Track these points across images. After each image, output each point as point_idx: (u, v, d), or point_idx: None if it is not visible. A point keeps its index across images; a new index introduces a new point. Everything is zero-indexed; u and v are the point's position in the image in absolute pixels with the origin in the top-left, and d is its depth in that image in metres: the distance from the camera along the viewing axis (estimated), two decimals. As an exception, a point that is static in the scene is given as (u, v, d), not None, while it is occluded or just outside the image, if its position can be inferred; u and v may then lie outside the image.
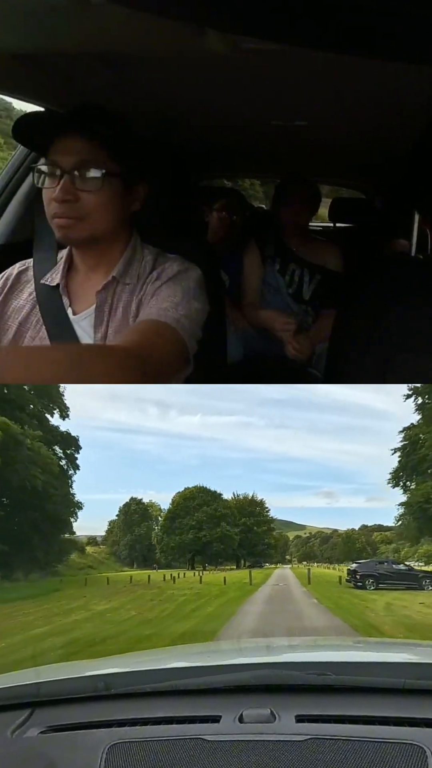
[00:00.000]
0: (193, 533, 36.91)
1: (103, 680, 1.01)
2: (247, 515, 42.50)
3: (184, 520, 37.76)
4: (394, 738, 0.83)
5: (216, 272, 2.15)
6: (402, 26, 0.67)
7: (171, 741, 0.87)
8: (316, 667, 0.99)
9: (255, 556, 41.10)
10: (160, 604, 8.66)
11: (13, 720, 0.98)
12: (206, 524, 37.24)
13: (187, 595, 10.09)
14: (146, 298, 1.61)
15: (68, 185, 1.50)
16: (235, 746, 0.85)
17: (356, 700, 0.92)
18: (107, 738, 0.89)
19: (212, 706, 0.93)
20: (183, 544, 37.08)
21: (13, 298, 1.73)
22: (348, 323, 1.87)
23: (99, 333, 1.63)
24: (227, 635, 5.35)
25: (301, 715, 0.89)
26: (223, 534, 37.14)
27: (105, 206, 1.55)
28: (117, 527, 43.67)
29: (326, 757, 0.83)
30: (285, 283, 3.27)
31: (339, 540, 55.53)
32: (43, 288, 1.68)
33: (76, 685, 1.05)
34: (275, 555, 47.54)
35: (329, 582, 13.67)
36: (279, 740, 0.85)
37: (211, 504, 38.41)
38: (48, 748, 0.90)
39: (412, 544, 26.48)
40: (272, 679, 0.97)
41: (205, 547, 37.02)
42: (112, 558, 39.98)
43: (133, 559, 40.17)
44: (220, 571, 25.42)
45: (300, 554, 62.17)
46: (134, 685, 1.00)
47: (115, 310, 1.63)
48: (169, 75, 1.68)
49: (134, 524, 41.96)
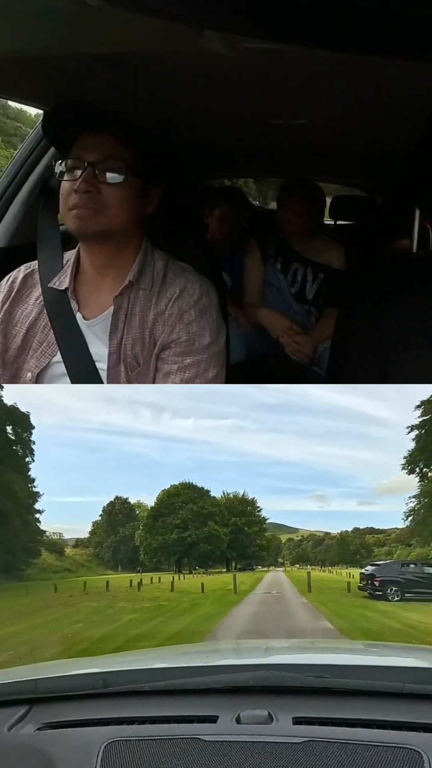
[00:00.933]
0: (178, 533, 33.52)
1: (102, 678, 1.01)
2: (237, 515, 39.07)
3: (168, 519, 34.36)
4: (392, 742, 0.83)
5: (218, 274, 2.15)
6: (401, 23, 0.67)
7: (168, 740, 0.87)
8: (315, 670, 0.99)
9: (246, 559, 37.91)
10: (88, 628, 5.33)
11: (11, 716, 0.98)
12: (192, 523, 33.87)
13: (140, 611, 6.87)
14: (172, 321, 1.62)
15: (91, 177, 1.54)
16: (231, 747, 0.85)
17: (354, 703, 0.92)
18: (104, 735, 0.89)
19: (210, 706, 0.93)
20: (166, 545, 33.72)
21: (20, 303, 1.72)
22: (350, 322, 1.87)
23: (114, 340, 1.63)
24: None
25: (299, 717, 0.89)
26: (210, 534, 33.88)
27: (124, 201, 1.57)
28: (100, 528, 39.43)
29: (323, 759, 0.83)
30: (287, 283, 3.27)
31: (333, 542, 54.23)
32: (50, 292, 1.67)
33: (74, 682, 1.05)
34: (267, 557, 44.41)
35: (334, 589, 10.63)
36: (276, 742, 0.85)
37: (197, 501, 35.01)
38: (45, 744, 0.90)
39: (426, 543, 23.25)
40: (270, 681, 0.97)
41: (191, 548, 33.66)
42: (94, 561, 35.97)
43: (118, 561, 36.51)
44: (207, 575, 22.83)
45: (292, 557, 60.75)
46: (132, 684, 1.00)
47: (130, 316, 1.64)
48: (168, 76, 1.68)
49: (118, 525, 37.99)
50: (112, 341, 1.63)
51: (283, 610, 7.19)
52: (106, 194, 1.55)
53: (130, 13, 0.89)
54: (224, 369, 1.68)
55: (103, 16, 1.07)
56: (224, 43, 1.23)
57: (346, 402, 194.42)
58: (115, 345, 1.62)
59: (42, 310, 1.69)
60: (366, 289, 1.84)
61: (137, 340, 1.63)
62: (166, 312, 1.63)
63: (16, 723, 0.97)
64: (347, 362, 1.83)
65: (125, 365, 1.62)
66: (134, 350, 1.62)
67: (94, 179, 1.54)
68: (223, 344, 1.68)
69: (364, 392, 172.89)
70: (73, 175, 1.56)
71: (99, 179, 1.55)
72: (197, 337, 1.62)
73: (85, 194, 1.54)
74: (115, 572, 31.28)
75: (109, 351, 1.63)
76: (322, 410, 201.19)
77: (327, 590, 10.52)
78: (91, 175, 1.54)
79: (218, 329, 1.66)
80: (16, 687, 1.04)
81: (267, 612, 6.87)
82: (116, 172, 1.56)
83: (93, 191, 1.54)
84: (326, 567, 43.14)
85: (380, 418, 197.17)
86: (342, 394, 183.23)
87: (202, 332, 1.62)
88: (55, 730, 0.94)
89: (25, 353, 1.69)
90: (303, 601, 8.29)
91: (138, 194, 1.61)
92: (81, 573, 25.48)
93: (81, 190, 1.54)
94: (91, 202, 1.54)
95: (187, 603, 8.16)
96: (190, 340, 1.61)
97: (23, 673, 1.13)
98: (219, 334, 1.66)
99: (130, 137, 1.59)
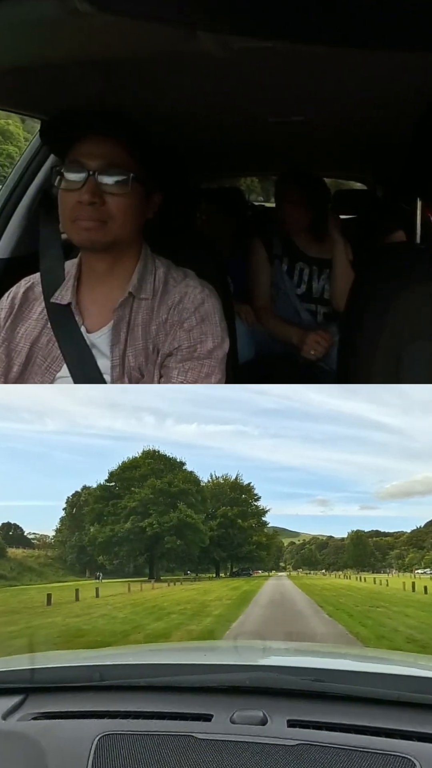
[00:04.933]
0: (134, 521, 23.41)
1: (99, 671, 1.01)
2: (227, 504, 29.67)
3: (121, 502, 24.40)
4: (385, 749, 0.83)
5: (223, 276, 2.14)
6: (396, 15, 0.67)
7: (161, 736, 0.88)
8: (312, 673, 0.99)
9: (239, 561, 29.10)
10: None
11: (6, 704, 0.99)
12: (153, 506, 23.62)
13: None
14: (174, 329, 1.59)
15: (94, 187, 1.48)
16: (224, 746, 0.85)
17: (349, 708, 0.91)
18: (98, 728, 0.90)
19: (205, 704, 0.94)
20: (117, 539, 23.63)
21: (22, 319, 1.69)
22: (357, 315, 1.86)
23: (116, 352, 1.59)
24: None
25: (293, 720, 0.89)
26: (181, 522, 23.19)
27: (128, 210, 1.53)
28: (64, 525, 30.84)
29: (315, 763, 0.83)
30: (293, 285, 3.21)
31: (346, 543, 51.11)
32: (54, 307, 1.64)
33: (70, 674, 1.06)
34: (268, 559, 33.74)
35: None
36: (269, 743, 0.85)
37: (163, 476, 25.04)
38: (39, 734, 0.91)
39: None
40: (267, 682, 0.97)
41: (155, 544, 23.41)
42: (57, 563, 28.17)
43: (84, 564, 27.60)
44: (191, 581, 16.85)
45: (295, 561, 56.91)
46: (129, 678, 1.01)
47: (132, 328, 1.60)
48: (164, 79, 1.68)
49: (84, 520, 28.51)
50: (114, 354, 1.59)
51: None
52: (111, 205, 1.51)
53: (122, 19, 0.89)
54: (225, 375, 1.64)
55: (95, 23, 1.07)
56: (218, 43, 1.23)
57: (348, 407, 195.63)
58: (118, 357, 1.59)
59: (45, 325, 1.66)
60: (372, 280, 1.83)
61: (140, 351, 1.60)
62: (167, 320, 1.59)
63: (11, 712, 0.98)
64: (356, 357, 1.82)
65: (129, 378, 1.59)
66: (138, 361, 1.60)
67: (98, 189, 1.49)
68: (227, 350, 1.64)
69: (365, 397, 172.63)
70: (74, 183, 1.50)
71: (103, 189, 1.50)
72: (199, 344, 1.58)
73: (89, 206, 1.49)
74: (80, 578, 24.16)
75: (111, 364, 1.60)
76: (324, 415, 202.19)
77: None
78: (95, 184, 1.49)
79: (221, 334, 1.61)
80: (12, 675, 1.05)
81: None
82: (121, 180, 1.51)
83: (97, 202, 1.49)
84: (333, 572, 39.34)
85: (382, 423, 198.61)
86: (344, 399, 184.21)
87: (204, 338, 1.59)
88: (50, 720, 0.95)
89: (30, 369, 1.66)
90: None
91: (141, 201, 1.57)
92: (23, 580, 20.39)
93: (85, 202, 1.48)
94: (97, 214, 1.50)
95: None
96: (192, 347, 1.58)
97: (20, 662, 1.15)
98: (222, 340, 1.62)
99: (131, 141, 1.55)
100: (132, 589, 13.18)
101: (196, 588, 13.26)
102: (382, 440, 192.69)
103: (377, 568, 45.39)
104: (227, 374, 1.68)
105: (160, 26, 0.89)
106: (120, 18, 0.88)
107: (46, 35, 1.20)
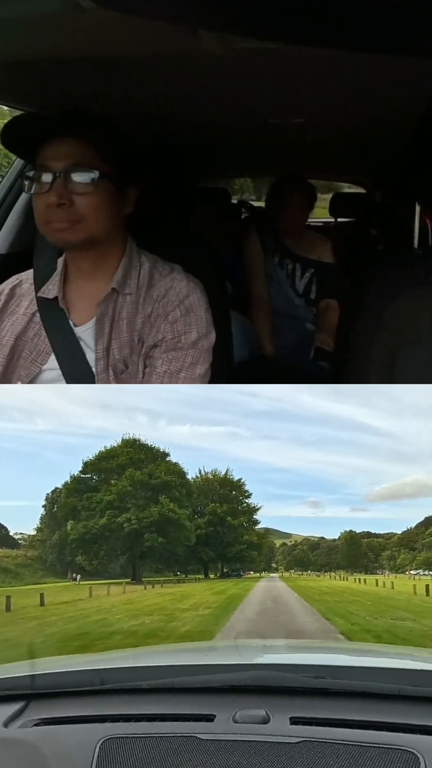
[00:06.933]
0: (110, 516, 21.15)
1: (99, 675, 1.01)
2: (217, 500, 28.06)
3: (96, 495, 22.12)
4: (388, 744, 0.83)
5: (220, 276, 2.14)
6: (397, 19, 0.67)
7: (164, 738, 0.87)
8: (313, 670, 0.99)
9: (229, 561, 27.75)
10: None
11: (7, 711, 0.98)
12: (132, 499, 21.44)
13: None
14: (158, 322, 1.61)
15: (61, 189, 1.49)
16: (228, 746, 0.85)
17: (351, 704, 0.92)
18: (101, 732, 0.89)
19: (207, 705, 0.93)
20: (90, 536, 21.46)
21: (8, 315, 1.72)
22: (353, 317, 1.86)
23: (100, 345, 1.62)
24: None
25: (296, 717, 0.89)
26: (162, 517, 20.98)
27: (99, 208, 1.54)
28: (44, 523, 28.92)
29: (319, 760, 0.83)
30: (285, 275, 3.33)
31: (341, 543, 50.86)
32: (41, 301, 1.67)
33: (71, 679, 1.05)
34: (259, 559, 32.19)
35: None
36: (272, 742, 0.85)
37: (143, 466, 22.76)
38: (41, 741, 0.90)
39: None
40: (268, 681, 0.97)
41: (132, 541, 21.21)
42: (36, 564, 26.36)
43: (66, 565, 25.51)
44: (178, 584, 15.19)
45: (287, 562, 56.78)
46: (130, 681, 1.01)
47: (117, 322, 1.63)
48: (164, 77, 1.68)
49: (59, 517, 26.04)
50: (98, 347, 1.62)
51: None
52: (80, 205, 1.51)
53: (123, 15, 0.89)
54: (210, 369, 1.65)
55: (97, 19, 1.07)
56: (219, 42, 1.23)
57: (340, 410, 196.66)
58: (102, 350, 1.61)
59: (30, 319, 1.69)
60: (369, 284, 1.84)
61: (125, 345, 1.62)
62: (153, 313, 1.61)
63: (13, 719, 0.97)
64: (353, 358, 1.83)
65: (113, 370, 1.61)
66: (122, 354, 1.62)
67: (65, 191, 1.49)
68: (212, 342, 1.65)
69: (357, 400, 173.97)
70: (42, 186, 1.50)
71: (69, 188, 1.49)
72: (183, 335, 1.59)
73: (58, 207, 1.49)
74: (60, 580, 22.53)
75: (96, 356, 1.62)
76: (315, 418, 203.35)
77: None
78: (61, 185, 1.49)
79: (206, 327, 1.62)
80: (13, 682, 1.04)
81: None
82: (87, 179, 1.50)
83: (66, 203, 1.49)
84: (326, 573, 39.07)
85: (372, 426, 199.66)
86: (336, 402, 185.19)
87: (188, 330, 1.60)
88: (52, 726, 0.94)
89: (15, 363, 1.68)
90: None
91: (113, 197, 1.57)
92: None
93: (53, 204, 1.49)
94: (67, 215, 1.50)
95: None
96: (176, 338, 1.59)
97: (21, 668, 1.13)
98: (208, 332, 1.62)
99: (96, 139, 1.54)
100: (95, 593, 11.23)
101: (173, 592, 11.35)
102: (372, 443, 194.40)
103: (370, 569, 45.48)
104: (221, 374, 1.68)
105: (161, 24, 0.89)
106: (121, 15, 0.88)
107: (49, 30, 1.20)
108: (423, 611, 6.87)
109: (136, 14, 0.76)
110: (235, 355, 2.28)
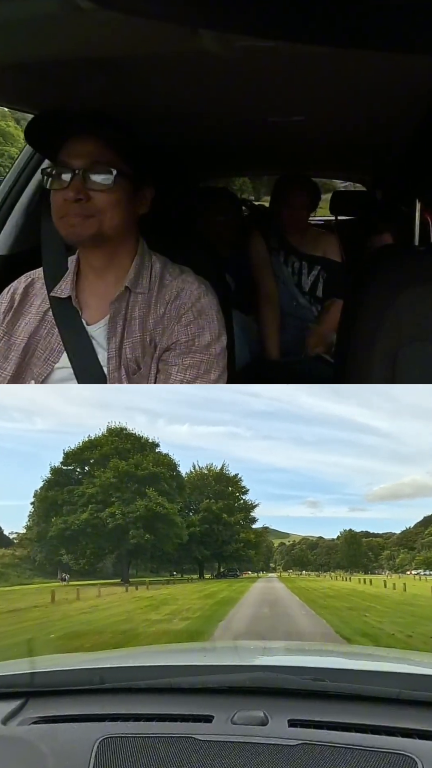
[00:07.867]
0: (92, 511, 19.00)
1: (98, 674, 1.01)
2: (212, 497, 26.31)
3: (78, 489, 19.96)
4: (386, 748, 0.83)
5: (222, 277, 2.15)
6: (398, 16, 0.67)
7: (162, 738, 0.87)
8: (312, 673, 0.99)
9: (225, 560, 26.21)
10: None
11: (6, 709, 0.98)
12: (116, 493, 19.30)
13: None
14: (171, 324, 1.62)
15: (79, 185, 1.53)
16: (225, 747, 0.85)
17: (350, 707, 0.91)
18: (99, 731, 0.90)
19: (205, 705, 0.93)
20: (70, 533, 19.25)
21: (22, 314, 1.74)
22: (355, 314, 1.86)
23: (113, 344, 1.63)
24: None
25: (294, 719, 0.89)
26: (149, 512, 18.85)
27: (115, 205, 1.57)
28: (32, 521, 24.89)
29: (317, 762, 0.82)
30: (290, 273, 3.33)
31: (341, 543, 50.43)
32: (54, 300, 1.69)
33: (70, 677, 1.05)
34: (256, 559, 30.62)
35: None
36: (270, 743, 0.85)
37: (130, 457, 20.49)
38: (39, 739, 0.90)
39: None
40: (267, 682, 0.97)
41: (118, 538, 19.11)
42: (24, 564, 24.30)
43: (56, 564, 23.14)
44: (147, 587, 13.79)
45: (285, 561, 56.24)
46: (129, 681, 1.01)
47: (129, 321, 1.65)
48: (164, 77, 1.68)
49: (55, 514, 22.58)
50: (110, 345, 1.63)
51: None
52: (96, 200, 1.55)
53: (123, 16, 0.89)
54: (226, 371, 1.67)
55: (97, 19, 1.07)
56: (219, 42, 1.23)
57: (339, 410, 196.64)
58: (114, 349, 1.63)
59: (43, 318, 1.71)
60: (370, 281, 1.84)
61: (137, 344, 1.63)
62: (165, 315, 1.63)
63: (11, 716, 0.97)
64: (354, 355, 1.83)
65: (126, 369, 1.63)
66: (135, 354, 1.63)
67: (83, 187, 1.53)
68: (225, 345, 1.67)
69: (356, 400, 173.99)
70: (62, 182, 1.55)
71: (88, 186, 1.54)
72: (196, 338, 1.61)
73: (75, 203, 1.53)
74: (48, 580, 20.53)
75: (108, 355, 1.64)
76: (315, 418, 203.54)
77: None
78: (80, 181, 1.53)
79: (218, 330, 1.65)
80: (11, 680, 1.04)
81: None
82: (105, 177, 1.55)
83: (83, 199, 1.53)
84: (325, 572, 38.91)
85: (372, 427, 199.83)
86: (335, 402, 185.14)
87: (201, 333, 1.62)
88: (50, 724, 0.94)
89: (29, 361, 1.71)
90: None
91: (129, 196, 1.61)
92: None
93: (71, 199, 1.53)
94: (83, 209, 1.54)
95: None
96: (190, 341, 1.61)
97: (20, 666, 1.13)
98: (220, 335, 1.65)
99: (116, 139, 1.59)
100: (63, 597, 9.73)
101: (153, 596, 9.30)
102: (371, 443, 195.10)
103: (370, 568, 45.42)
104: (226, 374, 1.69)
105: (160, 24, 0.89)
106: (121, 15, 0.88)
107: (48, 31, 1.20)
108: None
109: (135, 14, 0.76)
110: (237, 358, 2.28)
